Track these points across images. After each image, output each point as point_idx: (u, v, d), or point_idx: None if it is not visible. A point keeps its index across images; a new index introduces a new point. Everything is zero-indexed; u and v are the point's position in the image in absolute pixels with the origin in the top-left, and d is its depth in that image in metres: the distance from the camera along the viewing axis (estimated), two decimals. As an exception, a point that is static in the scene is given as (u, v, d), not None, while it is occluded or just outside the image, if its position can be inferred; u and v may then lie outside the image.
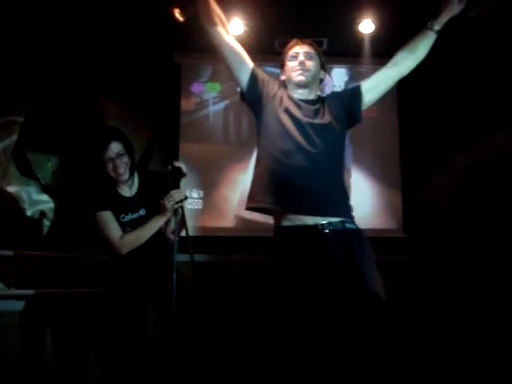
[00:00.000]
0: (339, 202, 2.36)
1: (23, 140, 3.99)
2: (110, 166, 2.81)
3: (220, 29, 2.52)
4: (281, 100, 2.50)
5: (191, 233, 2.78)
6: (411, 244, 5.29)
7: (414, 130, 5.65)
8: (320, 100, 2.55)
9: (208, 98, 5.66)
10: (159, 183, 2.86)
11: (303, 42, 2.63)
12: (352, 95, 2.55)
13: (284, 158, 2.36)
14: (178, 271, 2.83)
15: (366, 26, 4.80)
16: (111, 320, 2.87)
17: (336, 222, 2.29)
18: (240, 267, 4.99)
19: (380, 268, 2.30)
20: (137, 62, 5.05)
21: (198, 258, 4.55)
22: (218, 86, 5.68)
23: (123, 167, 2.81)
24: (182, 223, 2.72)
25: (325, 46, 5.29)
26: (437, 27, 2.55)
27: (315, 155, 2.35)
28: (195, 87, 5.65)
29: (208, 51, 5.26)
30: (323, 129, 2.42)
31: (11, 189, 3.86)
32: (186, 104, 5.60)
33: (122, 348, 2.78)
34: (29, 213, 3.95)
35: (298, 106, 2.48)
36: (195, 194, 5.33)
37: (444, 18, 2.55)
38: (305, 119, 2.43)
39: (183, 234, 2.78)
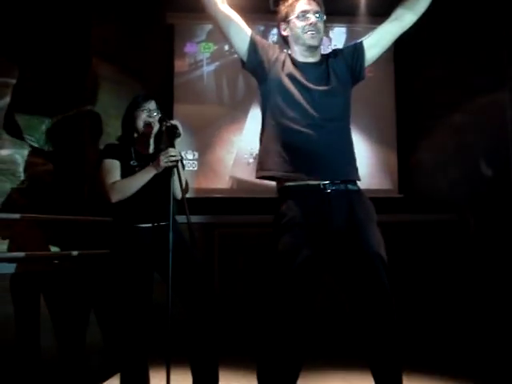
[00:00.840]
0: (344, 164, 2.35)
1: (16, 102, 3.95)
2: (143, 116, 2.95)
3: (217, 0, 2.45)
4: (283, 64, 2.45)
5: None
6: (406, 203, 5.32)
7: (410, 91, 5.63)
8: (324, 61, 2.50)
9: (202, 59, 5.61)
10: (167, 133, 2.87)
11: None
12: (354, 52, 2.49)
13: (292, 125, 2.32)
14: (179, 233, 2.87)
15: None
16: (113, 282, 2.90)
17: (339, 183, 2.29)
18: (236, 228, 5.01)
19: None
20: (130, 23, 4.98)
21: (194, 219, 4.57)
22: (211, 47, 5.63)
23: (153, 121, 2.94)
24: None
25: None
26: None
27: (323, 121, 2.32)
28: (189, 47, 5.60)
29: (201, 11, 5.26)
30: (329, 94, 2.38)
31: (5, 152, 3.84)
32: (179, 65, 5.56)
33: (124, 310, 2.81)
34: (24, 176, 3.94)
35: (303, 70, 2.43)
36: (190, 156, 5.32)
37: None
38: (310, 85, 2.38)
39: (179, 195, 2.80)
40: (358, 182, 2.40)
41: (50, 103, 4.30)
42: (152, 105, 3.00)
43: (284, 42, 2.58)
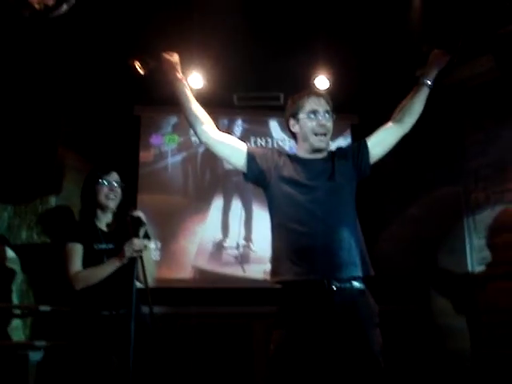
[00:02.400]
0: (350, 261, 2.32)
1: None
2: (105, 189, 2.96)
3: (205, 127, 2.53)
4: (283, 167, 2.48)
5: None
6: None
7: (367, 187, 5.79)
8: (330, 157, 2.53)
9: (167, 150, 5.71)
10: (131, 224, 2.87)
11: (320, 95, 2.58)
12: (359, 150, 2.54)
13: (297, 227, 2.34)
14: (143, 322, 2.83)
15: (321, 81, 4.94)
16: (72, 373, 2.83)
17: (344, 280, 2.28)
18: (199, 319, 4.95)
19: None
20: (97, 114, 5.09)
21: (157, 309, 4.51)
22: (176, 138, 5.75)
23: (115, 195, 2.98)
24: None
25: (281, 101, 5.44)
26: (430, 82, 2.60)
27: (327, 219, 2.33)
28: (154, 139, 5.71)
29: (167, 104, 5.42)
30: (334, 191, 2.41)
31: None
32: (144, 155, 5.65)
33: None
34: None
35: (307, 167, 2.47)
36: (153, 245, 5.30)
37: (434, 72, 2.62)
38: (313, 183, 2.41)
39: (142, 285, 2.79)
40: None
41: (14, 191, 4.30)
42: (113, 176, 3.02)
43: (292, 136, 2.63)
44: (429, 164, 5.06)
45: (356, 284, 2.31)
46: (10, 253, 4.12)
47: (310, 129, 2.47)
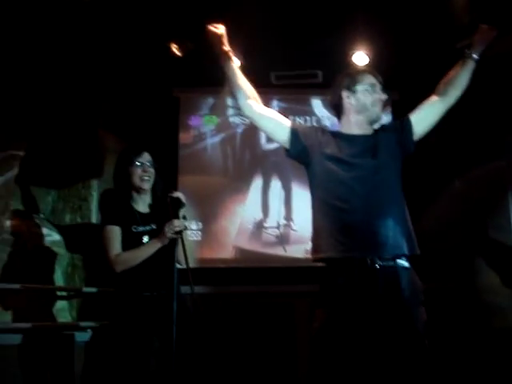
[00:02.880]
0: (395, 239, 2.29)
1: (23, 174, 4.03)
2: (138, 171, 2.95)
3: (250, 102, 2.54)
4: (326, 145, 2.46)
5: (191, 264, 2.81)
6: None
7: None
8: (374, 134, 2.52)
9: (206, 131, 5.72)
10: (171, 205, 2.88)
11: (376, 75, 2.57)
12: (403, 127, 2.52)
13: (339, 204, 2.32)
14: (183, 302, 2.86)
15: (359, 57, 4.88)
16: (115, 353, 2.87)
17: (388, 259, 2.26)
18: (240, 298, 4.99)
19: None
20: (136, 96, 5.12)
21: (198, 289, 4.55)
22: (215, 120, 5.75)
23: (149, 176, 2.97)
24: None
25: (320, 79, 5.38)
26: (476, 56, 2.54)
27: (371, 196, 2.32)
28: (193, 120, 5.72)
29: (206, 85, 5.43)
30: (378, 168, 2.39)
31: (12, 223, 3.88)
32: (184, 137, 5.67)
33: (125, 382, 2.78)
34: (28, 246, 3.96)
35: (351, 144, 2.45)
36: (194, 226, 5.34)
37: (481, 46, 2.55)
38: (356, 160, 2.39)
39: (183, 265, 2.81)
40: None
41: (57, 175, 4.38)
42: (145, 157, 3.00)
43: (336, 111, 2.61)
44: (472, 139, 4.96)
45: (400, 262, 2.28)
46: (55, 236, 4.20)
47: (370, 101, 2.48)
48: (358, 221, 2.28)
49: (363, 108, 2.48)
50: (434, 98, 2.55)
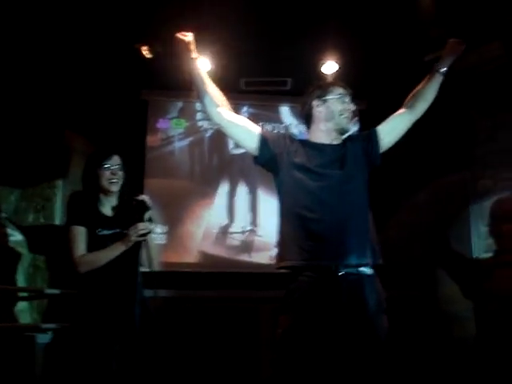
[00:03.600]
0: (358, 249, 2.31)
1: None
2: (106, 173, 2.90)
3: (218, 109, 2.53)
4: (295, 154, 2.47)
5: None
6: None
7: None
8: (342, 144, 2.53)
9: (174, 135, 5.71)
10: (136, 208, 2.87)
11: (344, 85, 2.61)
12: (370, 139, 2.55)
13: (305, 213, 2.34)
14: (145, 305, 2.85)
15: (329, 67, 4.93)
16: (76, 355, 2.84)
17: (352, 266, 2.28)
18: (204, 303, 4.98)
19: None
20: (104, 98, 5.08)
21: (162, 293, 4.54)
22: (183, 123, 5.75)
23: (117, 178, 2.93)
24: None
25: (289, 86, 5.42)
26: (444, 69, 2.60)
27: (338, 206, 2.34)
28: (161, 123, 5.70)
29: (175, 88, 5.42)
30: (345, 178, 2.41)
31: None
32: (151, 140, 5.65)
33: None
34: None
35: (320, 153, 2.47)
36: (159, 229, 5.32)
37: (449, 60, 2.61)
38: (324, 171, 2.41)
39: (147, 269, 2.80)
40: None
41: (21, 174, 4.32)
42: (114, 160, 2.96)
43: (306, 119, 2.62)
44: (436, 150, 5.04)
45: (364, 270, 2.31)
46: (18, 236, 4.15)
47: (339, 110, 2.51)
48: (324, 230, 2.30)
49: (332, 116, 2.51)
50: (401, 111, 2.60)
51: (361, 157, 2.51)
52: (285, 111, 5.89)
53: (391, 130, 2.57)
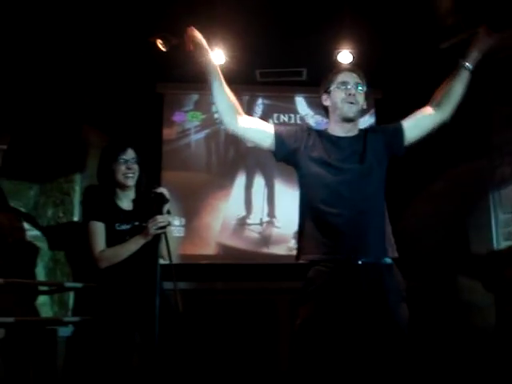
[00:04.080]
0: (377, 243, 2.34)
1: (6, 168, 4.00)
2: (122, 168, 2.92)
3: (233, 119, 2.50)
4: (313, 147, 2.47)
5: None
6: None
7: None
8: (362, 135, 2.52)
9: (190, 127, 5.72)
10: (154, 201, 2.88)
11: (351, 70, 2.57)
12: (394, 130, 2.52)
13: (324, 207, 2.35)
14: (165, 297, 2.86)
15: (344, 56, 4.89)
16: (97, 348, 2.87)
17: (370, 257, 2.30)
18: (222, 294, 5.00)
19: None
20: (120, 92, 5.10)
21: (180, 285, 4.55)
22: (199, 116, 5.75)
23: (133, 172, 2.95)
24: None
25: (304, 77, 5.40)
26: (471, 65, 2.48)
27: (355, 200, 2.35)
28: (177, 116, 5.72)
29: (190, 81, 5.42)
30: (364, 172, 2.41)
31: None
32: (167, 133, 5.66)
33: (106, 377, 2.78)
34: (10, 240, 3.94)
35: (338, 147, 2.46)
36: (177, 222, 5.34)
37: (477, 55, 2.48)
38: (342, 164, 2.41)
39: (166, 261, 2.81)
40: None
41: (40, 169, 4.35)
42: (129, 154, 2.97)
43: (325, 112, 2.62)
44: (454, 139, 4.99)
45: (383, 260, 2.33)
46: (37, 230, 4.18)
47: (340, 98, 2.48)
48: (343, 224, 2.31)
49: (335, 106, 2.51)
50: (428, 109, 2.54)
51: (382, 149, 2.50)
52: (300, 102, 5.86)
53: (416, 126, 2.53)
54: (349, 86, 2.48)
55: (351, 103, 2.46)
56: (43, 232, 4.23)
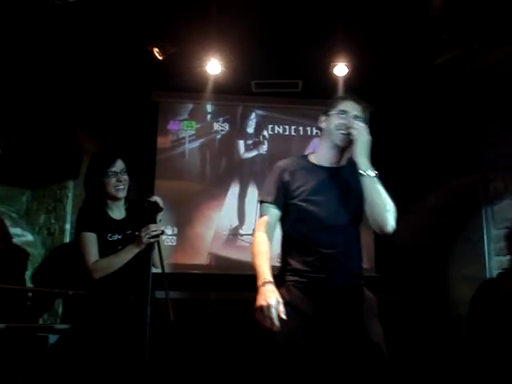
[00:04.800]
0: (351, 262, 2.44)
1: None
2: (112, 181, 2.89)
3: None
4: (292, 182, 2.53)
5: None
6: (383, 283, 5.33)
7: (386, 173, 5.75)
8: (349, 165, 2.54)
9: (184, 136, 5.72)
10: (148, 209, 2.86)
11: (356, 102, 2.57)
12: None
13: (301, 227, 2.48)
14: (157, 306, 2.85)
15: (340, 69, 4.92)
16: (88, 355, 2.85)
17: (344, 276, 2.38)
18: (214, 305, 4.98)
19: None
20: (115, 99, 5.10)
21: (172, 294, 4.54)
22: (194, 125, 5.75)
23: (123, 184, 2.92)
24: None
25: (300, 88, 5.42)
26: (362, 171, 2.40)
27: (335, 226, 2.43)
28: (172, 125, 5.72)
29: (186, 90, 5.43)
30: (339, 201, 2.47)
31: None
32: (162, 141, 5.66)
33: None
34: (1, 246, 3.92)
35: (319, 175, 2.52)
36: (169, 231, 5.33)
37: (360, 159, 2.41)
38: (321, 194, 2.47)
39: (158, 270, 2.80)
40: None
41: (32, 175, 4.35)
42: (118, 165, 2.92)
43: (320, 132, 2.67)
44: (447, 153, 5.03)
45: (355, 280, 2.43)
46: (28, 236, 4.17)
47: (335, 124, 2.50)
48: (317, 245, 2.41)
49: (329, 131, 2.53)
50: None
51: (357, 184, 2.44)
52: (296, 113, 5.88)
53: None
54: (349, 116, 2.50)
55: (344, 134, 2.47)
56: (34, 238, 4.21)
